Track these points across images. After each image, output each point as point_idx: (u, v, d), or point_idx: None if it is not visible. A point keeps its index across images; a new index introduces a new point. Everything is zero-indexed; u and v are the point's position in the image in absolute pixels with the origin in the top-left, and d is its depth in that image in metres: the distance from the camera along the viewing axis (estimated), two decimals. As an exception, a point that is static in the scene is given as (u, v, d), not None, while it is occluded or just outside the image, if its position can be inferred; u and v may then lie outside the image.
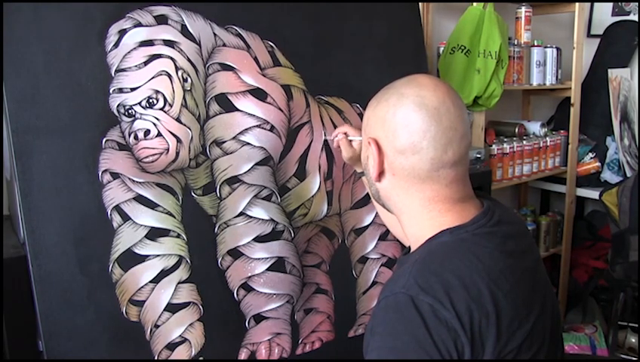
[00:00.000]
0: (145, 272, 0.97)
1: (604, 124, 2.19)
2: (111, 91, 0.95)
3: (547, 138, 2.09)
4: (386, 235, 1.26)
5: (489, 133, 1.92)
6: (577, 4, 2.02)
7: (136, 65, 0.97)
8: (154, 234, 0.98)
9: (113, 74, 0.95)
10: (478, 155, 1.72)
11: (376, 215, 1.24)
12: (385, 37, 1.27)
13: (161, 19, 0.99)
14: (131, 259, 0.96)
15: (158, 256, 0.98)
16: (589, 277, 2.22)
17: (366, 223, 1.25)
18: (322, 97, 1.19)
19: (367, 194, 1.22)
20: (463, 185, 0.75)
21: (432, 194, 0.73)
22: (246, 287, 1.07)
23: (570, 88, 2.10)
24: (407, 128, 0.71)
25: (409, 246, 0.81)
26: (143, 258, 0.97)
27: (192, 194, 1.03)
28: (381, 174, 0.76)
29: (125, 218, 0.96)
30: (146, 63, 0.97)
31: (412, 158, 0.72)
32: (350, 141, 0.99)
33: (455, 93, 0.74)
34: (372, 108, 0.78)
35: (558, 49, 2.06)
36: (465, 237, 0.70)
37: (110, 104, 0.95)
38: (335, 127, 1.16)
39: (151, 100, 0.97)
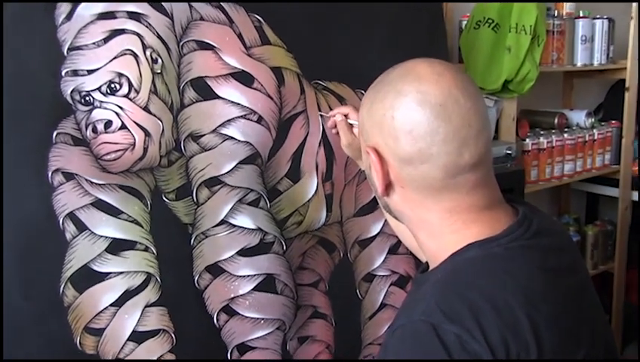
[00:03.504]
0: (105, 294, 0.96)
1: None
2: (63, 74, 0.95)
3: (594, 130, 2.07)
4: (396, 248, 1.26)
5: (522, 125, 1.91)
6: (635, -35, 2.00)
7: (94, 43, 0.96)
8: (116, 247, 0.98)
9: (66, 53, 0.95)
10: (509, 151, 1.71)
11: (385, 223, 1.24)
12: (395, 10, 1.28)
13: (125, -13, 1.00)
14: (88, 277, 0.95)
15: (121, 273, 0.98)
16: (650, 302, 2.20)
17: (373, 233, 1.25)
18: (320, 82, 1.19)
19: (375, 198, 1.22)
20: (488, 188, 0.74)
21: (451, 204, 0.73)
22: (228, 311, 1.07)
23: (625, 69, 2.08)
24: (411, 134, 0.70)
25: (426, 262, 0.81)
26: (103, 276, 0.97)
27: (163, 198, 1.03)
28: (388, 187, 0.75)
29: (81, 228, 0.96)
30: (106, 40, 0.97)
31: (422, 168, 0.71)
32: (351, 125, 0.99)
33: (464, 78, 0.73)
34: (366, 109, 0.77)
35: (610, 20, 2.04)
36: (497, 251, 0.70)
37: (62, 89, 0.95)
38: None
39: (113, 85, 0.97)
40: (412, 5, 1.30)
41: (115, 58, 0.97)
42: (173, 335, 1.02)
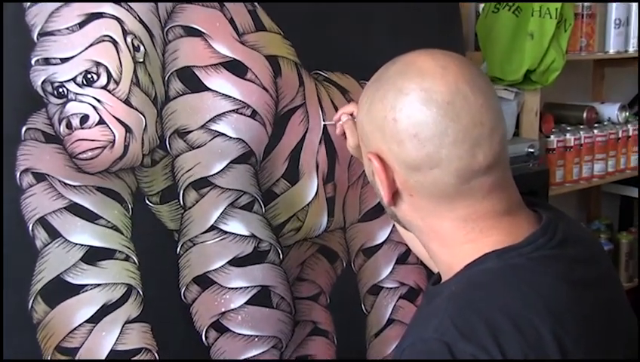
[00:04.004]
0: (80, 309, 0.96)
1: None
2: (33, 62, 0.94)
3: (628, 125, 2.07)
4: (406, 257, 1.26)
5: (546, 120, 1.91)
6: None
7: (67, 28, 0.95)
8: (93, 256, 0.97)
9: (36, 39, 0.94)
10: (531, 150, 1.71)
11: (393, 229, 1.24)
12: (404, -8, 1.28)
13: (103, -34, 1.00)
14: (61, 290, 0.95)
15: (98, 285, 0.98)
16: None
17: (379, 240, 1.25)
18: (321, 73, 1.19)
19: (382, 202, 1.22)
20: (506, 192, 0.74)
21: (466, 211, 0.73)
22: (218, 327, 1.07)
23: (664, 56, 2.08)
24: (417, 137, 0.70)
25: (438, 273, 0.81)
26: (78, 289, 0.96)
27: (146, 201, 1.03)
28: (395, 196, 0.76)
29: (54, 234, 0.95)
30: (81, 25, 0.96)
31: (431, 174, 0.71)
32: None
33: (472, 69, 0.72)
34: (364, 110, 0.77)
35: (647, 2, 2.03)
36: (518, 262, 0.70)
37: (32, 80, 0.94)
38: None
39: (89, 75, 0.97)
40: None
41: (91, 45, 0.96)
42: (156, 355, 1.01)
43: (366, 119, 0.76)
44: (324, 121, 1.16)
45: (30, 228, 0.94)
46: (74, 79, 0.95)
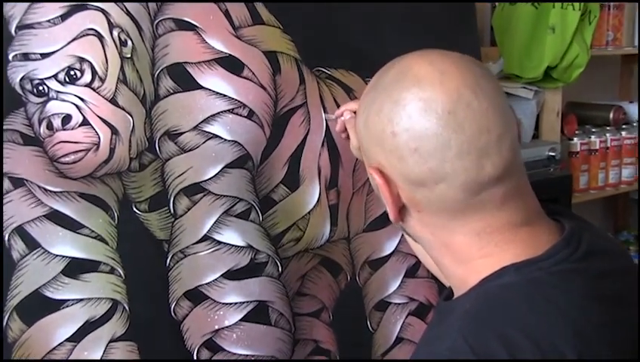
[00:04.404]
0: (60, 326, 0.96)
1: None
2: (11, 58, 0.94)
3: (659, 127, 2.05)
4: (415, 269, 1.26)
5: (569, 121, 1.90)
6: None
7: (49, 20, 0.95)
8: (75, 268, 0.97)
9: (14, 32, 0.94)
10: (552, 153, 1.71)
11: (402, 240, 1.24)
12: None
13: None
14: (39, 306, 0.95)
15: (80, 301, 0.97)
16: None
17: (386, 252, 1.25)
18: (324, 70, 1.19)
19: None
20: (523, 200, 0.74)
21: (479, 225, 0.72)
22: (211, 346, 1.06)
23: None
24: (418, 152, 0.70)
25: (450, 287, 0.80)
26: (58, 304, 0.96)
27: (134, 209, 1.03)
28: (402, 211, 0.76)
29: (32, 245, 0.95)
30: (64, 17, 0.96)
31: (437, 189, 0.71)
32: None
33: (475, 70, 0.72)
34: (362, 121, 0.77)
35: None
36: (538, 276, 0.69)
37: (10, 77, 0.95)
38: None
39: (72, 72, 0.97)
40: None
41: (74, 39, 0.96)
42: (143, 376, 1.02)
43: (364, 130, 0.76)
44: (325, 114, 1.16)
45: (6, 237, 0.94)
46: (55, 76, 0.95)
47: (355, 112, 1.00)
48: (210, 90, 1.06)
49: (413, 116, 0.69)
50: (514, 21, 1.64)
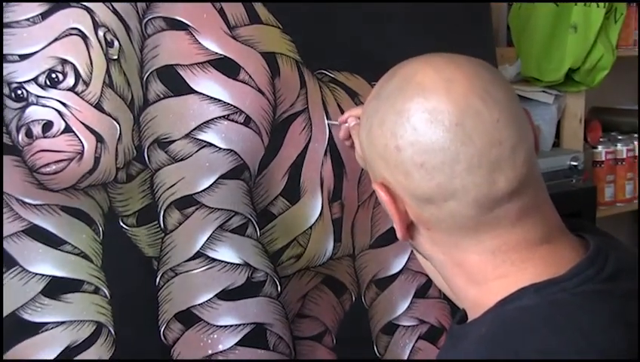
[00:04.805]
0: (39, 351, 0.95)
1: None
2: None
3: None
4: (426, 289, 1.26)
5: (592, 128, 1.90)
6: None
7: (28, 19, 0.95)
8: (56, 288, 0.97)
9: None
10: (574, 163, 1.72)
11: (411, 257, 1.24)
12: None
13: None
14: (17, 329, 0.94)
15: (62, 323, 0.97)
16: None
17: (394, 270, 1.25)
18: (326, 73, 1.19)
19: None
20: (542, 215, 0.74)
21: (494, 243, 0.73)
22: None
23: None
24: (424, 167, 0.70)
25: (464, 309, 0.81)
26: (37, 327, 0.95)
27: (121, 224, 1.03)
28: (411, 228, 0.77)
29: (9, 263, 0.94)
30: (44, 16, 0.96)
31: (447, 206, 0.71)
32: None
33: (484, 76, 0.72)
34: (365, 132, 0.78)
35: None
36: (560, 298, 0.69)
37: None
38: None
39: (54, 75, 0.97)
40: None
41: (56, 39, 0.96)
42: (130, 406, 1.01)
43: (367, 143, 0.77)
44: (328, 120, 1.16)
45: (-19, 255, 0.94)
46: (35, 79, 0.95)
47: (360, 118, 1.01)
48: (203, 94, 1.07)
49: (418, 129, 0.70)
50: (532, 20, 1.65)
